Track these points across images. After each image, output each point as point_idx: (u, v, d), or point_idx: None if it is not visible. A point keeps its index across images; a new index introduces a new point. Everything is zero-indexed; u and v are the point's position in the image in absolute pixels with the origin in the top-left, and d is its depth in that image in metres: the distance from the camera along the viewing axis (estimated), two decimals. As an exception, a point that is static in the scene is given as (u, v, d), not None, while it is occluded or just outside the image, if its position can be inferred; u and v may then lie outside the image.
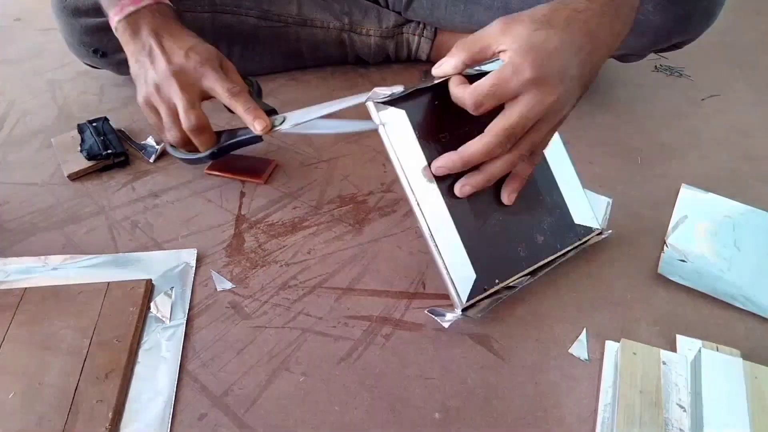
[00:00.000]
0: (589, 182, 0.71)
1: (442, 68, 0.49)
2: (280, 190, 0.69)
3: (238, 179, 0.70)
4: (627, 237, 0.64)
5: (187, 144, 0.65)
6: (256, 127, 0.60)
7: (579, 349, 0.53)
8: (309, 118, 0.59)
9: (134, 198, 0.67)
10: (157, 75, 0.62)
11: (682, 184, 0.71)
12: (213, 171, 0.71)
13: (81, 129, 0.75)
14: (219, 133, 0.67)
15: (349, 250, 0.61)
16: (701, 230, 0.65)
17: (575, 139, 0.79)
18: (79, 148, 0.72)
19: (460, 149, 0.48)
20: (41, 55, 0.96)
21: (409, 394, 0.49)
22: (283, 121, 0.61)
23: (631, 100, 0.89)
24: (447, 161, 0.49)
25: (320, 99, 0.85)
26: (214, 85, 0.62)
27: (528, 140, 0.48)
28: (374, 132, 0.50)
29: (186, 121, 0.62)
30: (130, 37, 0.64)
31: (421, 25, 0.92)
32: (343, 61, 0.93)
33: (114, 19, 0.65)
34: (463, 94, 0.47)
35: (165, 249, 0.61)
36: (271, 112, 0.64)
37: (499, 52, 0.46)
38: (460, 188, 0.50)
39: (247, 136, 0.64)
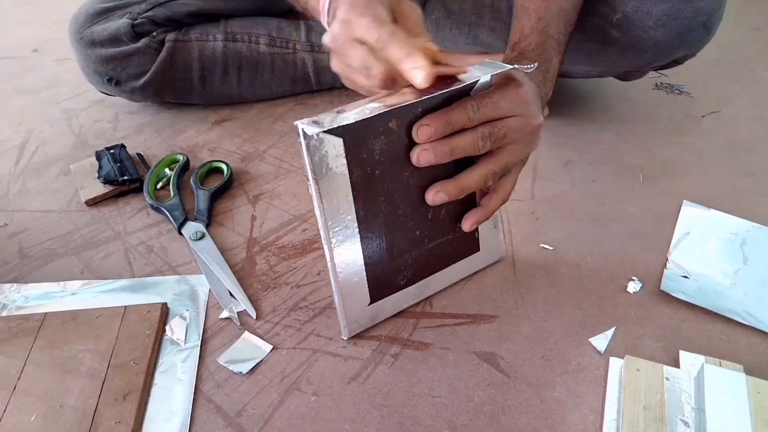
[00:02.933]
0: (591, 200, 0.73)
1: None
2: (289, 213, 0.71)
3: None
4: (630, 254, 0.65)
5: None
6: (417, 80, 0.44)
7: (600, 341, 0.55)
8: None
9: (149, 223, 0.70)
10: (330, 45, 0.50)
11: (684, 201, 0.72)
12: None
13: (99, 156, 0.78)
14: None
15: (357, 271, 0.63)
16: (705, 247, 0.66)
17: (578, 157, 0.81)
18: (97, 174, 0.75)
19: (449, 138, 0.47)
20: (58, 84, 1.00)
21: (418, 412, 0.50)
22: None
23: (633, 117, 0.90)
24: (434, 144, 0.47)
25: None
26: (364, 35, 0.47)
27: (505, 155, 0.50)
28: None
29: (371, 82, 0.48)
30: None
31: (425, 48, 0.94)
32: (351, 85, 0.96)
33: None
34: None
35: (179, 273, 0.63)
36: None
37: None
38: (434, 195, 0.49)
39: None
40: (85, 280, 0.62)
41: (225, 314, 0.58)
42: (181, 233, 0.67)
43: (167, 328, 0.57)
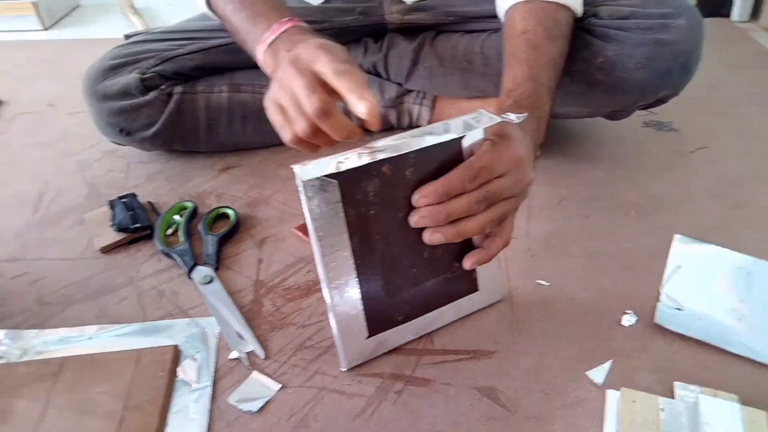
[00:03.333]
0: (585, 236, 0.76)
1: None
2: (294, 255, 0.74)
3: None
4: (624, 289, 0.67)
5: (316, 137, 0.57)
6: (359, 108, 0.50)
7: (597, 374, 0.57)
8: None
9: (160, 268, 0.73)
10: (279, 71, 0.58)
11: (675, 235, 0.75)
12: (299, 231, 0.77)
13: (112, 205, 0.81)
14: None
15: (361, 310, 0.65)
16: (698, 279, 0.68)
17: (571, 194, 0.84)
18: (110, 223, 0.78)
19: (446, 203, 0.50)
20: (71, 137, 1.04)
21: (422, 447, 0.51)
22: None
23: (623, 155, 0.94)
24: (431, 210, 0.50)
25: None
26: (323, 66, 0.54)
27: (500, 207, 0.53)
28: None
29: (309, 104, 0.54)
30: (271, 63, 0.63)
31: (420, 94, 0.99)
32: (349, 131, 1.00)
33: (261, 54, 0.65)
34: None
35: (190, 316, 0.65)
36: None
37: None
38: (430, 235, 0.51)
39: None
40: (101, 324, 0.64)
41: (234, 355, 0.60)
42: (191, 277, 0.70)
43: (179, 369, 0.59)
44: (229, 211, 0.81)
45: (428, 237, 0.52)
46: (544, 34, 0.67)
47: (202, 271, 0.70)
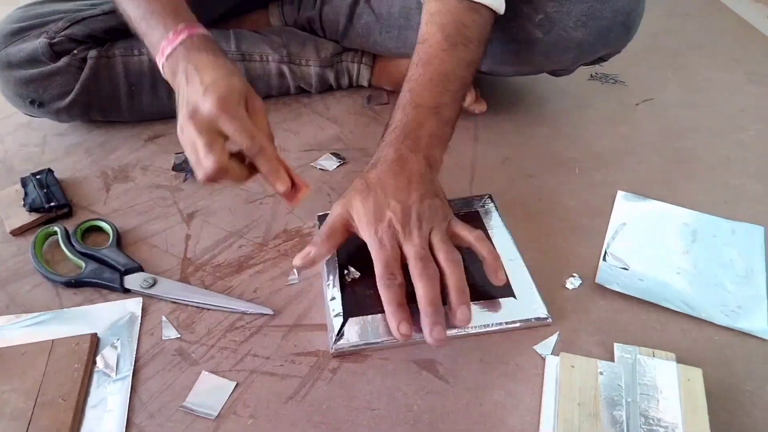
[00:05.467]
0: (528, 196, 0.74)
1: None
2: (225, 230, 0.69)
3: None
4: (567, 249, 0.66)
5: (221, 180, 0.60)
6: (278, 188, 0.58)
7: (544, 347, 0.55)
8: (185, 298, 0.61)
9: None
10: (180, 117, 0.58)
11: (618, 191, 0.74)
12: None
13: (24, 182, 0.75)
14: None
15: (295, 285, 0.62)
16: (640, 237, 0.67)
17: (514, 153, 0.81)
18: (23, 202, 0.72)
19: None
20: (-20, 108, 0.95)
21: (357, 426, 0.49)
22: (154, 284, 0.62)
23: (568, 110, 0.91)
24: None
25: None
26: (233, 135, 0.56)
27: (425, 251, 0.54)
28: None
29: (205, 164, 0.55)
30: (171, 79, 0.61)
31: (359, 53, 0.93)
32: (285, 92, 0.95)
33: (159, 64, 0.62)
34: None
35: (110, 300, 0.61)
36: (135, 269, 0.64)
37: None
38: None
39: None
40: (11, 314, 0.59)
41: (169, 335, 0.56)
42: (127, 289, 0.62)
43: (98, 359, 0.55)
44: (104, 225, 0.69)
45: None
46: (442, 44, 0.62)
47: (136, 278, 0.63)
